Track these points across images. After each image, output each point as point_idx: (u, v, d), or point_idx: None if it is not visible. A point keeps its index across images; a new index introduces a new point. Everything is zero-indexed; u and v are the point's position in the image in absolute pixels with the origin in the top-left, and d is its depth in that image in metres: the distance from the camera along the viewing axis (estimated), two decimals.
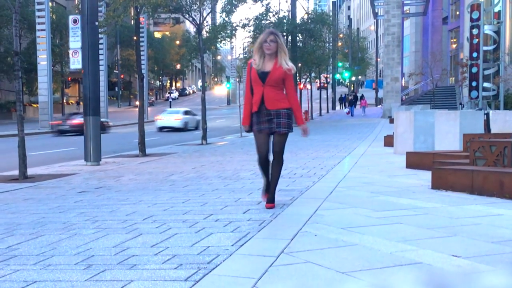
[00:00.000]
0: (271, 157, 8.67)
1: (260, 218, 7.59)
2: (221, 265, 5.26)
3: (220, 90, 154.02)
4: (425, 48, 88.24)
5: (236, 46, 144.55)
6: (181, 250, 5.90)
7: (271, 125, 8.43)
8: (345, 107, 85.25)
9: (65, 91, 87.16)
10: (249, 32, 47.08)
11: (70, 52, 47.94)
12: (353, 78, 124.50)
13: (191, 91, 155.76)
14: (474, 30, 39.49)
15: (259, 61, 8.39)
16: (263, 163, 8.69)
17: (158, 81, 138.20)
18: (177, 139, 32.76)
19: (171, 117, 50.26)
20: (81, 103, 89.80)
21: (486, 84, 39.80)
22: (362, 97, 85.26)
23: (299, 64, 53.09)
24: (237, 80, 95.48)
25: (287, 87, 8.53)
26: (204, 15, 31.13)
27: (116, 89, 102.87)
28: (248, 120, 8.67)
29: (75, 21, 45.32)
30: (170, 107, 78.21)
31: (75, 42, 45.20)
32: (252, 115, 8.59)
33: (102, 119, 39.17)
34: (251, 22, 45.24)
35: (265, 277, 4.83)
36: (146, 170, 15.69)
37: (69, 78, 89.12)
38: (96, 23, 18.75)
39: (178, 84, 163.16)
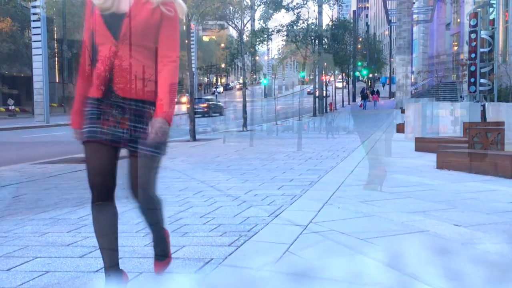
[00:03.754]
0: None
1: (292, 193, 7.58)
2: (259, 233, 5.28)
3: (258, 86, 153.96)
4: (431, 50, 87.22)
5: (271, 48, 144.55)
6: (225, 220, 5.92)
7: (122, 131, 3.41)
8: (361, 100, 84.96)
9: None
10: (283, 36, 46.95)
11: None
12: (370, 75, 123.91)
13: (236, 86, 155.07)
14: (472, 35, 39.11)
15: None
16: (100, 212, 3.58)
17: (205, 78, 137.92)
18: (220, 127, 32.76)
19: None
20: None
21: (482, 80, 39.40)
22: (377, 92, 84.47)
23: (325, 64, 52.94)
24: (272, 77, 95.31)
25: (160, 39, 3.40)
26: (245, 22, 31.26)
27: None
28: (80, 117, 3.51)
29: None
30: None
31: None
32: (88, 104, 3.45)
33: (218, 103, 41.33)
34: (284, 28, 44.93)
35: (296, 242, 4.84)
36: (195, 153, 15.71)
37: None
38: None
39: (223, 80, 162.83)
